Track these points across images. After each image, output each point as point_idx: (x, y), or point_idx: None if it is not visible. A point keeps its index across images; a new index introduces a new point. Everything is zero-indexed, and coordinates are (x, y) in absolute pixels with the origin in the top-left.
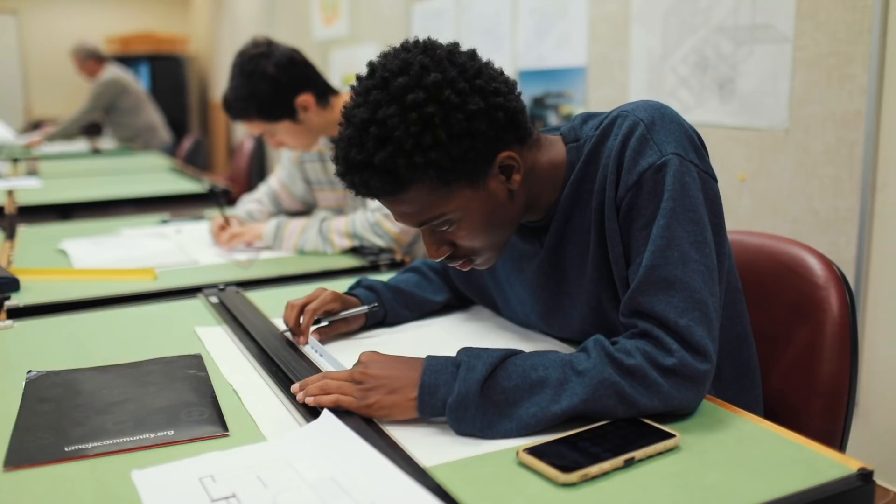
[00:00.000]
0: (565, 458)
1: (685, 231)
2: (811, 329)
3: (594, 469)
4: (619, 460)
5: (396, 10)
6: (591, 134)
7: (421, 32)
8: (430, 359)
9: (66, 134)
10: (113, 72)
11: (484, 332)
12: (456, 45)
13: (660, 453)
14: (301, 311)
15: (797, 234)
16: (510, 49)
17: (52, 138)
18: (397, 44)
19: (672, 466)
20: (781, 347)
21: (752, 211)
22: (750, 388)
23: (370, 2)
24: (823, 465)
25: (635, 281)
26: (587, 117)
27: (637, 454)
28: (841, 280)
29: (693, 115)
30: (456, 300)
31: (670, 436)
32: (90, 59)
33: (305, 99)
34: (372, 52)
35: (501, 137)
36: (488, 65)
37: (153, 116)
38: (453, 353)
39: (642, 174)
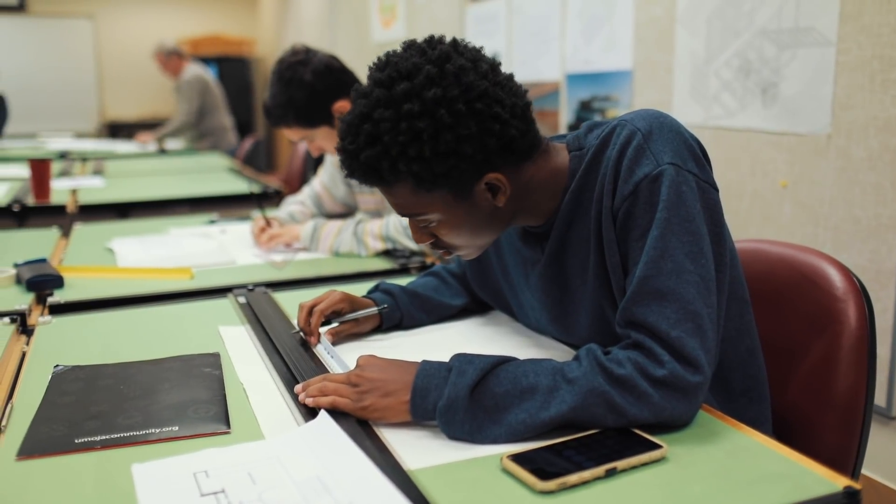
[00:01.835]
0: (547, 465)
1: (680, 241)
2: (828, 341)
3: (573, 478)
4: (599, 470)
5: (451, 12)
6: (593, 143)
7: (474, 35)
8: (425, 363)
9: (176, 134)
10: (195, 70)
11: (499, 337)
12: (475, 60)
13: (644, 464)
14: (310, 311)
15: (838, 241)
16: (559, 52)
17: (161, 138)
18: None
19: (656, 477)
20: (798, 359)
21: (792, 218)
22: (757, 401)
23: (425, 5)
24: (810, 481)
25: (629, 291)
26: (592, 126)
27: (619, 464)
28: (860, 292)
29: (736, 119)
30: (473, 304)
31: (657, 447)
32: (173, 56)
33: (343, 105)
34: None
35: (490, 161)
36: (501, 85)
37: (225, 118)
38: None
39: (638, 184)
